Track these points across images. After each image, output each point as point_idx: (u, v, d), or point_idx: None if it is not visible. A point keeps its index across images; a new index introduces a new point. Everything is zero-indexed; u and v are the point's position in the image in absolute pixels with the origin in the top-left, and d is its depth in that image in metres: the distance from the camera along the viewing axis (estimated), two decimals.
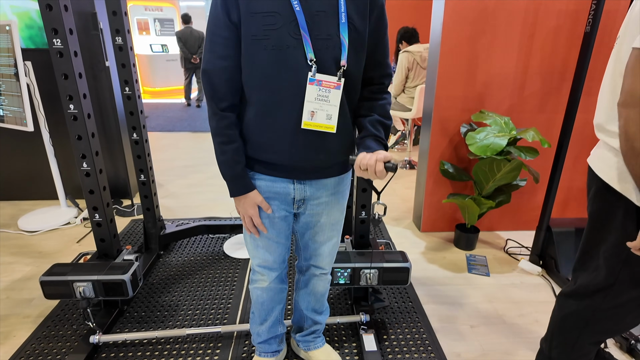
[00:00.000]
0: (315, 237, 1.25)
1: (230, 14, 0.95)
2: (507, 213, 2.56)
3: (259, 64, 0.96)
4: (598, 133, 1.08)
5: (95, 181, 1.59)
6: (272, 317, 1.38)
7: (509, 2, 2.11)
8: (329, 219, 1.21)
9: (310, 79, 0.95)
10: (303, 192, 1.13)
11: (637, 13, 0.91)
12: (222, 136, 1.05)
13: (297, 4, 0.93)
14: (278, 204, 1.14)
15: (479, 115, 2.19)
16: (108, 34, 2.55)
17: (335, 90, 0.97)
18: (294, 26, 0.93)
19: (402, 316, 1.82)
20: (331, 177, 1.14)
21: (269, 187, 1.12)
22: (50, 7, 1.35)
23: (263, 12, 0.93)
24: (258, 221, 1.13)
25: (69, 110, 1.48)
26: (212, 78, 1.00)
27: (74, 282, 1.55)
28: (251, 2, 0.93)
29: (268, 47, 0.94)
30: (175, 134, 5.16)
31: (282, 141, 1.02)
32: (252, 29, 0.94)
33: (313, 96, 0.96)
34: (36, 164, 2.92)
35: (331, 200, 1.18)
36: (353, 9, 0.96)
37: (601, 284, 1.08)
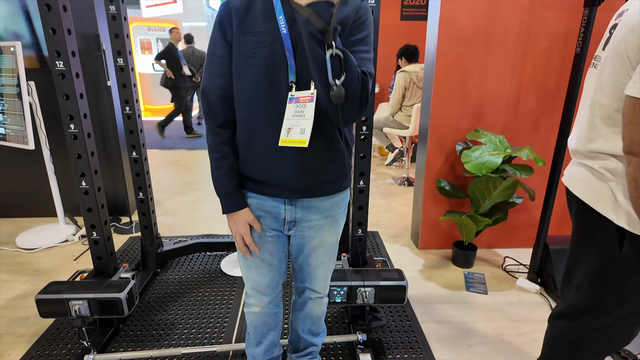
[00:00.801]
0: (308, 259, 1.23)
1: (226, 33, 1.00)
2: (505, 230, 2.56)
3: (247, 80, 1.00)
4: (575, 154, 1.09)
5: (94, 199, 1.61)
6: (267, 341, 1.37)
7: (502, 24, 2.17)
8: (321, 242, 1.20)
9: (290, 98, 0.98)
10: (294, 213, 1.13)
11: (620, 42, 0.91)
12: (217, 152, 1.07)
13: (284, 27, 0.96)
14: (269, 222, 1.14)
15: (474, 133, 2.22)
16: (110, 55, 2.61)
17: (310, 104, 0.97)
18: (280, 46, 0.96)
19: (399, 335, 1.81)
20: (322, 196, 1.13)
21: (260, 205, 1.12)
22: (54, 30, 1.40)
23: (254, 32, 0.97)
24: (249, 240, 1.13)
25: (69, 129, 1.51)
26: (209, 95, 1.04)
27: (70, 300, 1.55)
28: (243, 23, 0.98)
29: (256, 64, 0.98)
30: (175, 152, 5.20)
31: (267, 158, 1.04)
32: (243, 47, 0.98)
33: (291, 113, 0.98)
34: (35, 181, 2.94)
35: (324, 224, 1.17)
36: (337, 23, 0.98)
37: (586, 303, 1.07)
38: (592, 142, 1.00)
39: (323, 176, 1.09)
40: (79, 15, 2.57)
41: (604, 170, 0.98)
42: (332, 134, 1.06)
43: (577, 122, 1.11)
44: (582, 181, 1.05)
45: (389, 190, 3.75)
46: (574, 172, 1.10)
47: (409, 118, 3.69)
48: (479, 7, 2.14)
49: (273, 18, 0.97)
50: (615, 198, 0.96)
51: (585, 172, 1.05)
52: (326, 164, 1.07)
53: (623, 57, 0.90)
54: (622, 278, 0.99)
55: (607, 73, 0.95)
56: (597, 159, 1.00)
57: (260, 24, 0.97)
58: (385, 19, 4.50)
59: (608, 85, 0.95)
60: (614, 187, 0.96)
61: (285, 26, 0.96)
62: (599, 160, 1.00)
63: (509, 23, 2.17)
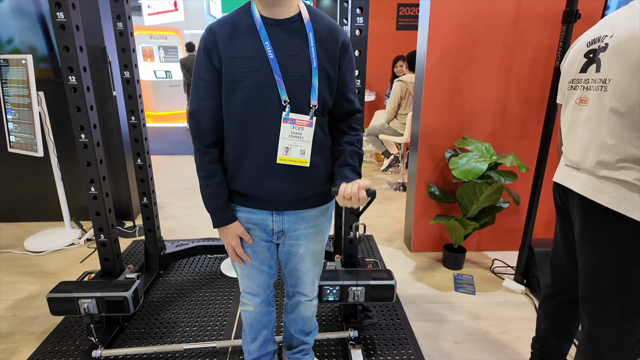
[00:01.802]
0: (297, 266, 1.32)
1: (212, 59, 1.05)
2: (493, 234, 2.66)
3: (237, 103, 1.06)
4: (596, 169, 1.10)
5: (102, 204, 1.72)
6: (262, 337, 1.46)
7: (488, 37, 2.29)
8: (308, 250, 1.28)
9: (285, 118, 1.05)
10: (281, 223, 1.21)
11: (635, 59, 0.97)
12: (205, 171, 1.14)
13: (270, 52, 1.03)
14: (258, 233, 1.22)
15: (462, 141, 2.33)
16: (115, 66, 2.73)
17: (308, 128, 1.07)
18: (269, 70, 1.03)
19: (389, 333, 1.91)
20: (309, 208, 1.21)
21: (248, 218, 1.20)
22: (68, 48, 1.51)
23: (241, 57, 1.03)
24: (240, 251, 1.22)
25: (80, 139, 1.62)
26: (196, 117, 1.10)
27: (79, 299, 1.65)
28: (231, 48, 1.03)
29: (245, 87, 1.04)
30: (176, 157, 5.31)
31: (259, 175, 1.11)
32: (232, 71, 1.04)
33: (287, 133, 1.06)
34: (41, 187, 3.04)
35: (310, 233, 1.25)
36: (323, 54, 1.07)
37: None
38: (618, 152, 1.04)
39: (311, 190, 1.17)
40: (87, 28, 2.68)
41: (637, 181, 1.01)
42: (324, 153, 1.15)
43: (582, 140, 1.15)
44: (611, 193, 1.07)
45: (385, 195, 3.86)
46: (597, 184, 1.10)
47: (403, 125, 3.81)
48: (465, 21, 2.25)
49: (258, 42, 1.03)
50: None
51: (610, 185, 1.07)
52: (314, 180, 1.15)
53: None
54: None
55: (625, 86, 1.00)
56: (625, 169, 1.04)
57: (246, 48, 1.03)
58: (382, 28, 4.64)
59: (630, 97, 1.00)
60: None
61: (272, 51, 1.03)
62: (628, 171, 1.03)
63: (494, 36, 2.29)
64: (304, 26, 1.06)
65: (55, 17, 1.48)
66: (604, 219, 1.10)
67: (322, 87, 1.08)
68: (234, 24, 1.06)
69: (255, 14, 1.05)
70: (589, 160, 1.13)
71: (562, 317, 1.43)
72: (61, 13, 1.47)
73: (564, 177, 1.26)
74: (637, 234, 1.05)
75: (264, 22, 1.05)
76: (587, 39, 1.18)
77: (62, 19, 1.48)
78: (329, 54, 1.08)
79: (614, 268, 1.11)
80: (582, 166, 1.16)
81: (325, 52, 1.08)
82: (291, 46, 1.05)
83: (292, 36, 1.05)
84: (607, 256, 1.12)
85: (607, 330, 1.16)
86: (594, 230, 1.15)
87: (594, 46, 1.12)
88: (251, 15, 1.06)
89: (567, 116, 1.25)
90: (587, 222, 1.16)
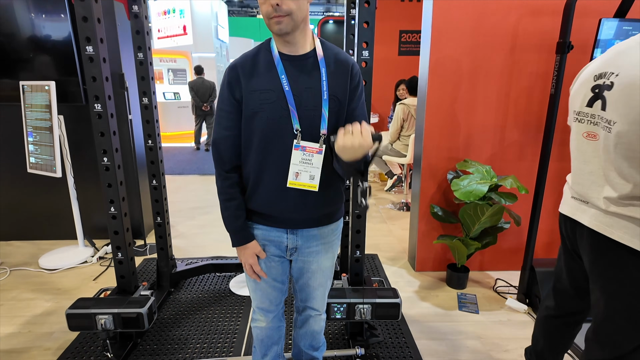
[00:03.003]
0: (309, 281, 1.40)
1: (234, 92, 1.16)
2: (496, 254, 2.72)
3: (255, 131, 1.16)
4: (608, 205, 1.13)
5: (121, 223, 1.81)
6: (272, 353, 1.52)
7: (486, 65, 2.41)
8: (319, 266, 1.36)
9: (295, 145, 1.15)
10: (295, 241, 1.29)
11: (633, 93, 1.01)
12: (225, 194, 1.24)
13: (286, 84, 1.13)
14: (273, 250, 1.31)
15: (463, 164, 2.42)
16: (131, 91, 2.87)
17: (318, 155, 1.16)
18: (285, 101, 1.13)
19: (395, 351, 1.95)
20: (320, 226, 1.29)
21: (265, 235, 1.29)
22: (95, 78, 1.64)
23: (260, 90, 1.14)
24: (257, 268, 1.31)
25: (102, 162, 1.73)
26: (218, 145, 1.21)
27: (97, 314, 1.73)
28: (251, 82, 1.14)
29: (264, 117, 1.14)
30: (184, 177, 5.43)
31: (273, 196, 1.20)
32: (251, 104, 1.14)
33: (298, 159, 1.16)
34: (55, 206, 3.15)
35: (321, 250, 1.33)
36: (335, 84, 1.17)
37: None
38: (626, 190, 1.08)
39: (321, 210, 1.27)
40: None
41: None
42: (333, 178, 1.24)
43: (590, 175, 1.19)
44: (625, 228, 1.09)
45: (388, 215, 3.93)
46: (609, 220, 1.13)
47: (406, 147, 3.91)
48: (464, 50, 2.38)
49: (276, 76, 1.14)
50: None
51: (624, 221, 1.10)
52: (325, 201, 1.25)
53: None
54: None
55: (629, 131, 1.04)
56: (635, 206, 1.07)
57: (265, 82, 1.14)
58: (385, 54, 4.81)
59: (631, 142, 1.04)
60: None
61: (287, 84, 1.14)
62: (637, 208, 1.07)
63: (492, 64, 2.41)
64: (318, 62, 1.18)
65: (84, 51, 1.61)
66: (616, 254, 1.13)
67: (331, 117, 1.18)
68: (255, 61, 1.17)
69: (274, 50, 1.17)
70: (597, 195, 1.16)
71: (562, 336, 1.49)
72: (90, 47, 1.60)
73: (573, 210, 1.28)
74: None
75: (281, 58, 1.16)
76: (594, 70, 1.19)
77: (91, 52, 1.61)
78: (340, 84, 1.19)
79: (627, 305, 1.14)
80: (591, 200, 1.19)
81: (337, 83, 1.18)
82: (305, 80, 1.16)
83: (307, 71, 1.16)
84: (621, 293, 1.15)
85: (627, 357, 1.17)
86: (606, 265, 1.17)
87: (600, 82, 1.15)
88: (270, 52, 1.17)
89: (574, 146, 1.29)
90: (597, 256, 1.19)
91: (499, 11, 2.34)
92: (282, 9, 1.04)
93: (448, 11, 2.34)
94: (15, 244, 3.17)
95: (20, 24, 2.69)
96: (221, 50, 10.53)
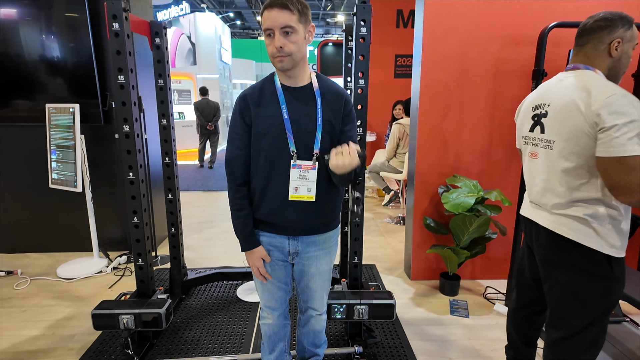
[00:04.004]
0: (309, 283, 1.59)
1: (245, 118, 1.38)
2: (486, 263, 2.91)
3: (262, 150, 1.37)
4: (554, 207, 1.37)
5: (142, 232, 2.01)
6: (279, 348, 1.70)
7: (472, 89, 2.65)
8: (318, 269, 1.54)
9: (293, 164, 1.36)
10: (296, 246, 1.48)
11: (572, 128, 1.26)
12: (236, 205, 1.44)
13: (285, 113, 1.35)
14: (277, 255, 1.50)
15: (453, 178, 2.64)
16: (147, 112, 3.10)
17: (312, 171, 1.38)
18: (283, 126, 1.34)
19: (390, 350, 2.12)
20: (318, 234, 1.48)
21: (269, 241, 1.48)
22: (124, 103, 1.87)
23: (266, 116, 1.36)
24: (263, 270, 1.50)
25: (128, 176, 1.94)
26: (231, 162, 1.41)
27: (120, 315, 1.91)
28: (259, 109, 1.36)
29: (269, 138, 1.35)
30: (190, 193, 5.63)
31: (276, 208, 1.40)
32: (259, 127, 1.36)
33: (296, 176, 1.38)
34: (70, 221, 3.34)
35: (319, 255, 1.52)
36: (329, 111, 1.39)
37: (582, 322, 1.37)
38: (568, 196, 1.32)
39: (319, 219, 1.47)
40: None
41: (586, 217, 1.29)
42: (329, 192, 1.44)
43: (538, 186, 1.44)
44: (568, 226, 1.33)
45: (386, 229, 4.12)
46: (557, 219, 1.37)
47: (402, 164, 4.14)
48: (452, 75, 2.63)
49: (278, 106, 1.36)
50: (598, 234, 1.28)
51: (567, 219, 1.34)
52: (322, 212, 1.45)
53: (580, 134, 1.25)
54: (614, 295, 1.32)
55: (565, 147, 1.30)
56: (575, 206, 1.31)
57: (269, 110, 1.36)
58: (381, 76, 5.10)
59: (571, 154, 1.29)
60: (595, 226, 1.28)
61: (287, 112, 1.36)
62: (577, 208, 1.30)
63: (478, 88, 2.65)
64: (314, 93, 1.41)
65: (116, 79, 1.84)
66: (564, 247, 1.37)
67: (324, 138, 1.39)
68: (261, 91, 1.40)
69: (277, 82, 1.40)
70: (545, 201, 1.42)
71: (529, 326, 1.69)
72: (122, 76, 1.84)
73: (531, 212, 1.53)
74: (589, 260, 1.32)
75: (283, 90, 1.39)
76: (531, 102, 1.50)
77: (122, 80, 1.84)
78: (334, 110, 1.41)
79: (574, 289, 1.36)
80: (542, 205, 1.45)
81: (331, 110, 1.41)
82: (303, 107, 1.38)
83: (305, 100, 1.39)
84: (569, 280, 1.38)
85: (570, 340, 1.39)
86: (557, 257, 1.41)
87: (537, 112, 1.45)
88: (274, 84, 1.40)
89: (525, 164, 1.57)
90: (550, 250, 1.43)
91: (483, 41, 2.60)
92: (284, 50, 1.27)
93: (436, 40, 2.60)
94: (33, 255, 3.35)
95: (47, 52, 2.95)
96: (224, 71, 10.89)
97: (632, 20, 1.31)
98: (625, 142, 1.15)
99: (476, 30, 2.58)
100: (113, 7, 1.78)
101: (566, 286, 1.38)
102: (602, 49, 1.32)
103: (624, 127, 1.15)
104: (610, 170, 1.19)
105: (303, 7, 1.28)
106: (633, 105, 1.17)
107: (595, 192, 1.28)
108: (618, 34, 1.29)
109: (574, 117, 1.27)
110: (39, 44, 2.96)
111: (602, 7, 2.18)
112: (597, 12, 1.36)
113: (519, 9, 2.55)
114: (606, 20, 1.31)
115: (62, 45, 2.96)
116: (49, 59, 2.97)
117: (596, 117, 1.20)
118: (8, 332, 2.27)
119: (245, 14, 18.67)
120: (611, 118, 1.17)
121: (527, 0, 2.54)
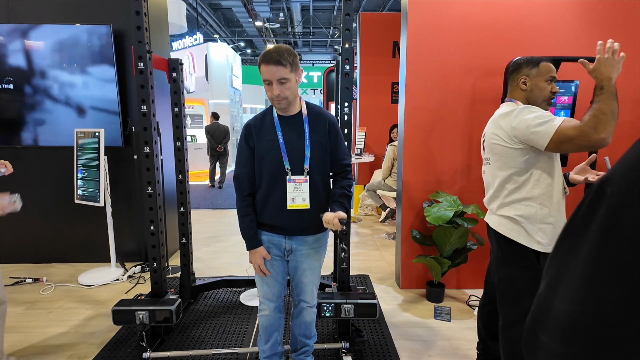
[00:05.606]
0: (301, 278, 1.87)
1: (249, 143, 1.73)
2: (471, 273, 3.14)
3: (264, 168, 1.69)
4: (498, 209, 1.68)
5: (157, 239, 2.31)
6: (273, 338, 1.96)
7: (452, 114, 2.96)
8: (309, 265, 1.82)
9: (288, 179, 1.69)
10: (291, 244, 1.78)
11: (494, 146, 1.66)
12: (243, 211, 1.76)
13: (281, 138, 1.69)
14: (275, 251, 1.80)
15: (435, 194, 2.92)
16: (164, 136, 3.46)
17: (305, 183, 1.70)
18: (279, 149, 1.68)
19: (376, 348, 2.36)
20: (310, 235, 1.79)
21: (269, 239, 1.79)
22: (146, 129, 2.21)
23: (266, 140, 1.70)
24: (264, 267, 1.79)
25: (147, 190, 2.27)
26: (239, 178, 1.75)
27: (136, 311, 2.19)
28: (260, 134, 1.71)
29: (270, 159, 1.68)
30: (200, 211, 5.96)
31: (276, 214, 1.72)
32: (260, 149, 1.70)
33: (291, 189, 1.69)
34: (90, 234, 3.67)
35: (310, 253, 1.81)
36: (316, 134, 1.71)
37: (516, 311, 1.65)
38: (501, 199, 1.66)
39: (310, 223, 1.76)
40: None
41: (517, 217, 1.60)
42: (320, 198, 1.75)
43: (487, 194, 1.78)
44: (504, 225, 1.65)
45: (382, 243, 4.37)
46: (498, 219, 1.69)
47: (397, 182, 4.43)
48: (433, 102, 2.95)
49: (275, 132, 1.70)
50: (527, 232, 1.58)
51: (504, 219, 1.65)
52: (314, 216, 1.74)
53: (502, 149, 1.62)
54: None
55: (497, 160, 1.66)
56: (507, 208, 1.64)
57: (268, 135, 1.70)
58: (379, 102, 5.44)
59: (502, 165, 1.64)
60: (525, 225, 1.58)
61: (282, 137, 1.70)
62: (508, 209, 1.63)
63: (457, 113, 2.96)
64: (302, 119, 1.73)
65: (139, 108, 2.20)
66: (502, 244, 1.66)
67: (313, 156, 1.71)
68: (263, 120, 1.74)
69: (274, 113, 1.74)
70: (492, 206, 1.73)
71: (494, 321, 1.92)
72: (144, 106, 2.19)
73: (487, 217, 1.83)
74: (521, 254, 1.59)
75: (279, 119, 1.73)
76: (484, 132, 1.83)
77: (145, 109, 2.19)
78: (320, 132, 1.73)
79: (513, 279, 1.64)
80: (490, 209, 1.77)
81: (318, 132, 1.73)
82: (294, 132, 1.72)
83: (296, 126, 1.72)
84: (508, 272, 1.65)
85: (514, 324, 1.64)
86: (501, 254, 1.69)
87: (482, 138, 1.80)
88: (272, 115, 1.74)
89: (484, 178, 1.87)
90: (497, 247, 1.72)
91: (461, 72, 2.93)
92: (281, 96, 1.62)
93: (418, 71, 2.93)
94: (56, 265, 3.67)
95: (76, 87, 3.36)
96: (235, 96, 11.43)
97: (537, 60, 1.65)
98: (545, 128, 1.46)
99: (453, 63, 2.91)
100: (139, 50, 2.16)
101: (507, 277, 1.64)
102: (515, 85, 1.69)
103: (536, 119, 1.49)
104: (563, 146, 1.46)
105: (293, 58, 1.62)
106: (531, 109, 1.54)
107: (526, 194, 1.59)
108: (524, 72, 1.66)
109: (495, 137, 1.63)
110: (71, 81, 3.37)
111: (568, 36, 2.56)
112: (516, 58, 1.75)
113: (489, 43, 2.88)
114: (515, 65, 1.70)
115: (89, 79, 3.37)
116: (78, 91, 3.38)
117: (512, 130, 1.56)
118: (37, 330, 2.56)
119: (256, 42, 19.50)
120: (522, 121, 1.52)
121: (497, 32, 2.87)
